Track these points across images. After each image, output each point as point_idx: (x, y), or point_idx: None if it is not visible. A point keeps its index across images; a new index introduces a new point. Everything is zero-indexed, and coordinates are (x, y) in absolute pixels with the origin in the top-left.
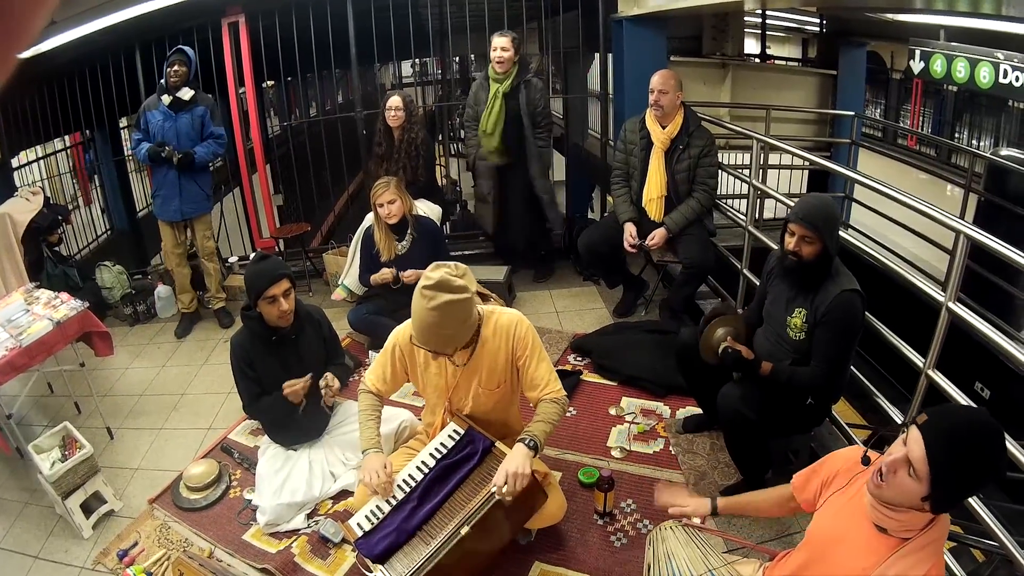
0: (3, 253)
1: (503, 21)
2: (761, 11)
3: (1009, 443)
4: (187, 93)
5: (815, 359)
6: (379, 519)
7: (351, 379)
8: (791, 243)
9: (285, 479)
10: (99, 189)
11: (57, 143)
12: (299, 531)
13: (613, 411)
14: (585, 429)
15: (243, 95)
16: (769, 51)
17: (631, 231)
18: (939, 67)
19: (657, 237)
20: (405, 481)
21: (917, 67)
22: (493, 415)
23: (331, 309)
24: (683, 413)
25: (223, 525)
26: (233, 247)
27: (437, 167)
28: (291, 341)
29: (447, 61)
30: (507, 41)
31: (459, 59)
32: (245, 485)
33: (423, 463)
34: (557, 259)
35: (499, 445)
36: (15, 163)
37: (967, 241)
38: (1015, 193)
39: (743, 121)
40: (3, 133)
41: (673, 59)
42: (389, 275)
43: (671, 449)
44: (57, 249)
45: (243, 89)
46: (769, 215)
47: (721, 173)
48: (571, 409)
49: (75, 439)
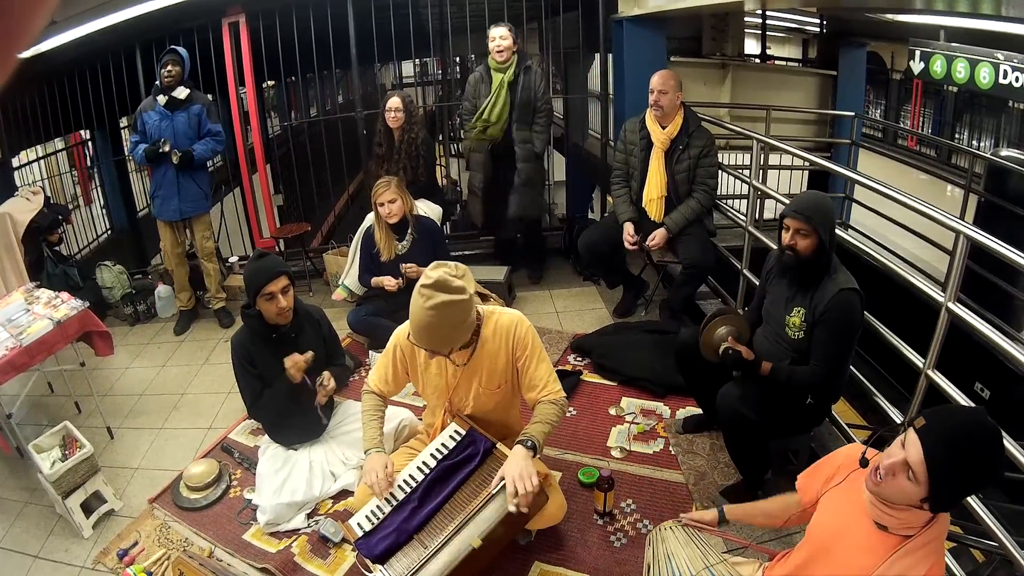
0: (3, 253)
1: (504, 20)
2: (761, 11)
3: (1009, 443)
4: (182, 92)
5: (814, 358)
6: (379, 519)
7: (351, 379)
8: (786, 238)
9: (285, 479)
10: (99, 189)
11: (57, 143)
12: (299, 531)
13: (613, 411)
14: (585, 429)
15: (243, 95)
16: (769, 51)
17: (630, 231)
18: (939, 67)
19: (657, 237)
20: (406, 481)
21: (917, 67)
22: (494, 416)
23: (331, 309)
24: (683, 413)
25: (223, 525)
26: (233, 247)
27: (437, 167)
28: (291, 339)
29: (448, 61)
30: (505, 30)
31: (459, 59)
32: (245, 485)
33: (424, 463)
34: (555, 259)
35: (500, 446)
36: (15, 163)
37: (967, 241)
38: (1015, 194)
39: (743, 121)
40: (3, 132)
41: (673, 59)
42: (394, 286)
43: (671, 449)
44: (57, 249)
45: (243, 89)
46: (769, 215)
47: (721, 173)
48: (571, 409)
49: (75, 438)
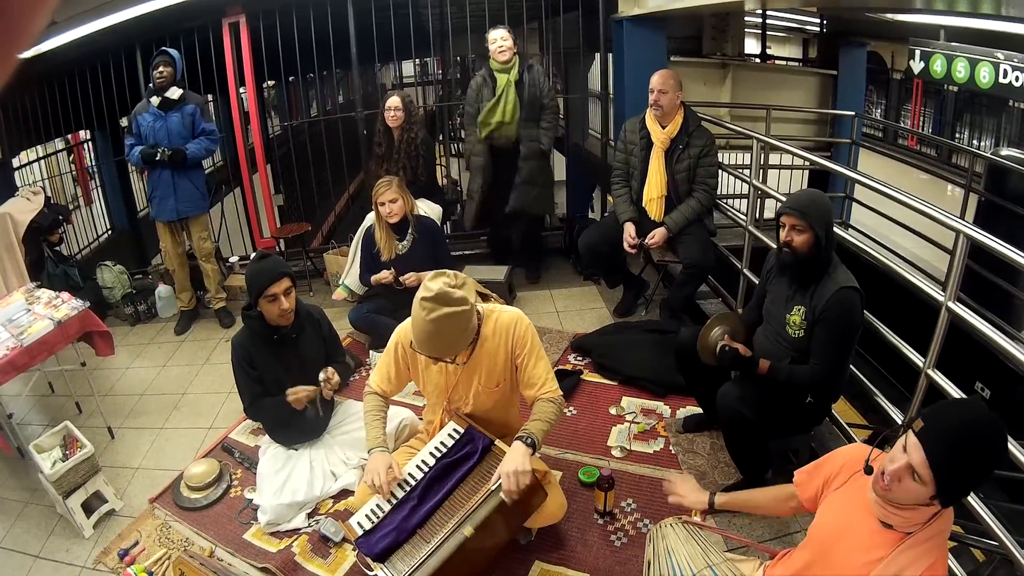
0: (4, 253)
1: (503, 21)
2: (761, 11)
3: (1010, 444)
4: (175, 92)
5: (814, 357)
6: (379, 518)
7: (352, 379)
8: (783, 235)
9: (286, 479)
10: (100, 189)
11: (58, 143)
12: (300, 530)
13: (613, 411)
14: (585, 428)
15: (244, 95)
16: (769, 51)
17: (630, 231)
18: (939, 67)
19: (657, 237)
20: (405, 480)
21: (917, 67)
22: (493, 414)
23: (332, 309)
24: (683, 413)
25: (224, 524)
26: (234, 247)
27: (438, 167)
28: (291, 340)
29: (448, 61)
30: (504, 31)
31: (460, 59)
32: (246, 484)
33: (423, 462)
34: (555, 259)
35: (499, 444)
36: (16, 163)
37: (967, 241)
38: (1015, 193)
39: (743, 121)
40: (4, 133)
41: (673, 59)
42: (389, 277)
43: (671, 448)
44: (58, 249)
45: (244, 89)
46: (769, 215)
47: (721, 173)
48: (571, 409)
49: (76, 438)
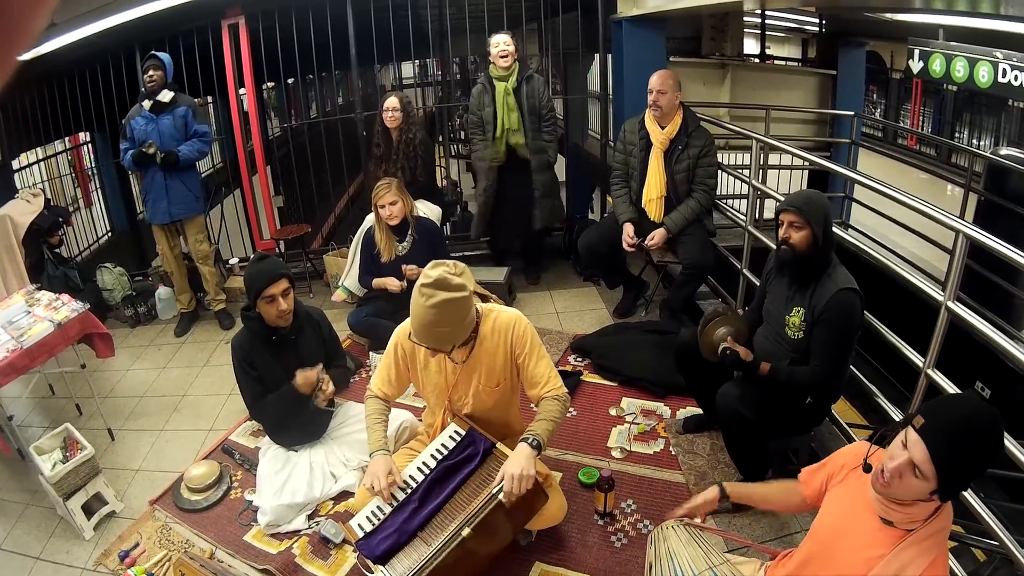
0: (4, 255)
1: (503, 22)
2: (760, 11)
3: (1010, 443)
4: (167, 95)
5: (814, 358)
6: (380, 520)
7: (352, 381)
8: (782, 232)
9: (286, 480)
10: (100, 191)
11: (58, 145)
12: (300, 532)
13: (613, 411)
14: (585, 429)
15: (243, 96)
16: (769, 51)
17: (630, 232)
18: (938, 66)
19: (657, 237)
20: (406, 482)
21: (916, 67)
22: (494, 415)
23: (331, 311)
24: (683, 413)
25: (224, 526)
26: (234, 249)
27: (437, 168)
28: (291, 342)
29: (447, 62)
30: (507, 37)
31: (459, 60)
32: (246, 486)
33: (424, 464)
34: (555, 259)
35: (500, 446)
36: (16, 165)
37: (966, 240)
38: (1015, 192)
39: (743, 121)
40: (4, 134)
41: (672, 59)
42: (397, 287)
43: (671, 449)
44: (58, 251)
45: (243, 90)
46: (769, 216)
47: (721, 173)
48: (571, 410)
49: (76, 440)
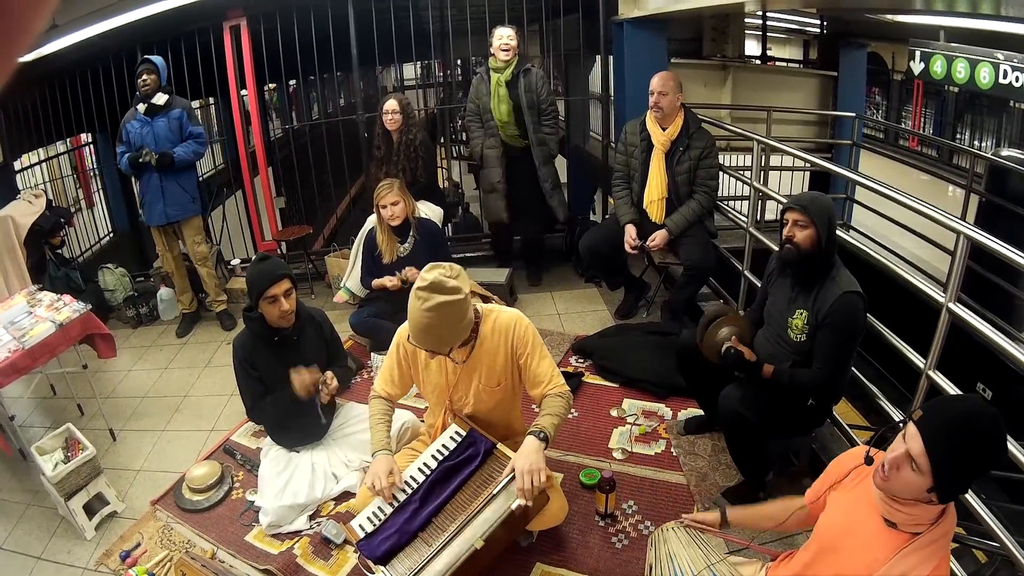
0: (6, 255)
1: (504, 23)
2: (761, 12)
3: (1011, 444)
4: (161, 98)
5: (817, 361)
6: (381, 520)
7: (354, 381)
8: (786, 231)
9: (287, 481)
10: (101, 191)
11: (59, 146)
12: (301, 532)
13: (614, 413)
14: (587, 431)
15: (245, 98)
16: (770, 53)
17: (631, 233)
18: (939, 68)
19: (658, 239)
20: (407, 483)
21: (917, 68)
22: (495, 416)
23: (333, 311)
24: (684, 414)
25: (225, 526)
26: (235, 249)
27: (439, 170)
28: (293, 342)
29: (449, 63)
30: (512, 31)
31: (461, 61)
32: (247, 487)
33: (425, 464)
34: (556, 261)
35: (501, 447)
36: (17, 166)
37: (967, 242)
38: (1016, 194)
39: (744, 123)
40: (5, 135)
41: (674, 61)
42: (393, 284)
43: (672, 450)
44: (59, 251)
45: (245, 92)
46: (770, 217)
47: (722, 175)
48: (573, 411)
49: (78, 440)
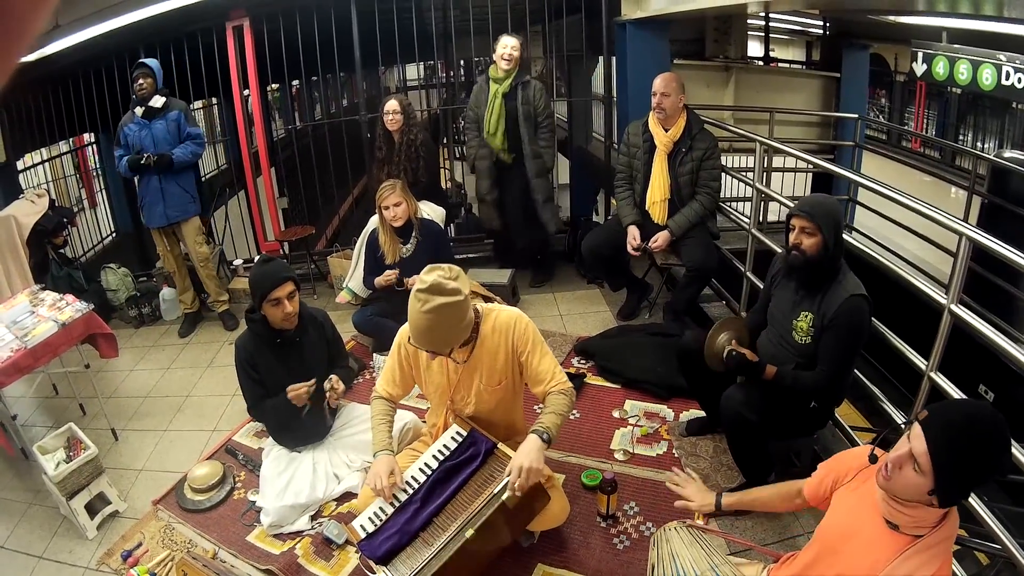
0: (8, 255)
1: (507, 24)
2: (764, 14)
3: (1013, 446)
4: (158, 101)
5: (821, 363)
6: (382, 521)
7: (356, 382)
8: (792, 237)
9: (289, 481)
10: (104, 191)
11: (62, 145)
12: (303, 532)
13: (616, 414)
14: (588, 432)
15: (248, 98)
16: (772, 54)
17: (634, 234)
18: (941, 69)
19: (660, 240)
20: (408, 483)
21: (920, 69)
22: (497, 415)
23: (335, 312)
24: (686, 416)
25: (227, 526)
26: (238, 250)
27: (441, 170)
28: (295, 343)
29: (451, 64)
30: (516, 41)
31: (463, 62)
32: (249, 487)
33: (426, 465)
34: (559, 262)
35: (501, 447)
36: (20, 165)
37: (969, 243)
38: (1018, 195)
39: (746, 124)
40: (8, 135)
41: (676, 62)
42: (392, 276)
43: (674, 452)
44: (62, 251)
45: (248, 92)
46: (773, 218)
47: (724, 176)
48: (575, 412)
49: (80, 440)
